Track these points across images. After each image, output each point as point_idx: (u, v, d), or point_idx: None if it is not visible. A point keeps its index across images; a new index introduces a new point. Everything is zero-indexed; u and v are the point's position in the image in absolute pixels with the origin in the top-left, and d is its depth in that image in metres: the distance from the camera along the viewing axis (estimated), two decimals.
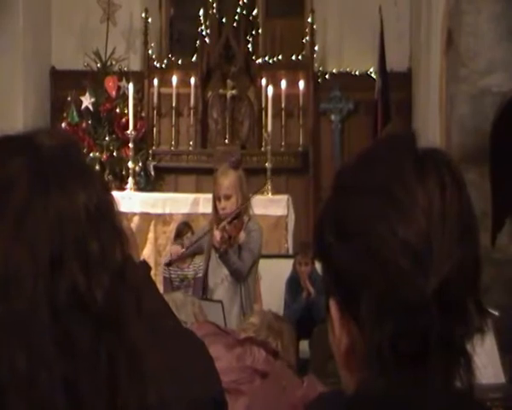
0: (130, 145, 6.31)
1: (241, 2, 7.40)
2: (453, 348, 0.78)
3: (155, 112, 7.30)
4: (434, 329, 0.76)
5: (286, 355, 2.30)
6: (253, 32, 7.47)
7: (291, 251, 5.80)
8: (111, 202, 0.75)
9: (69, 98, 7.03)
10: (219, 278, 4.08)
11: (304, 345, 5.20)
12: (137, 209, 5.93)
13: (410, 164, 0.81)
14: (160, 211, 5.94)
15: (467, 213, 0.81)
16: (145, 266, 1.91)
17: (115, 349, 0.71)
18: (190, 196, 6.02)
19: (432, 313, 0.76)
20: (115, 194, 5.84)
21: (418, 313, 0.76)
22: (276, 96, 6.91)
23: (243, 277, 4.05)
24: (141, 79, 7.25)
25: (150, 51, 7.40)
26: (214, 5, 7.41)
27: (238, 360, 2.13)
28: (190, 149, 7.28)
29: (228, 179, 4.00)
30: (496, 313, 2.58)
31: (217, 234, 3.96)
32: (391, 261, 0.77)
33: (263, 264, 4.42)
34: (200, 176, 7.02)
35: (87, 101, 6.94)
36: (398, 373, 0.77)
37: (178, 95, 7.24)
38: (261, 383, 2.13)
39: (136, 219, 5.88)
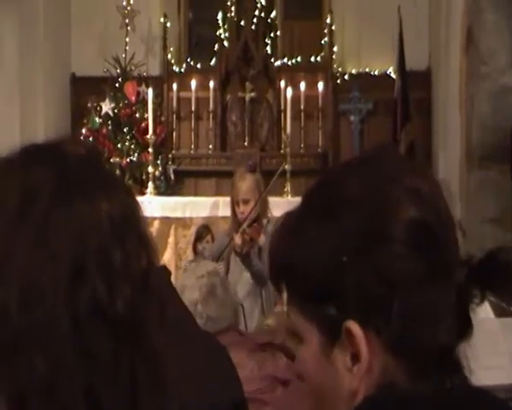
0: (150, 150, 6.34)
1: (259, 5, 7.40)
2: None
3: (175, 116, 7.32)
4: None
5: None
6: (272, 35, 7.47)
7: None
8: (137, 211, 0.74)
9: (89, 105, 7.09)
10: (240, 281, 4.07)
11: None
12: (158, 213, 5.95)
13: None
14: (179, 215, 5.95)
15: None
16: (165, 271, 1.91)
17: (136, 359, 0.70)
18: (210, 200, 6.03)
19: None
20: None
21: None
22: (295, 98, 6.90)
23: (265, 279, 4.04)
24: (160, 83, 7.28)
25: (169, 56, 7.42)
26: (232, 8, 7.43)
27: (260, 368, 2.12)
28: (210, 152, 7.29)
29: (246, 184, 4.00)
30: None
31: (237, 239, 3.95)
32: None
33: None
34: (219, 179, 7.03)
35: (107, 106, 6.98)
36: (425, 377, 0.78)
37: (197, 99, 7.26)
38: (283, 392, 2.12)
39: (156, 224, 5.90)
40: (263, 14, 7.42)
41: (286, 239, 0.82)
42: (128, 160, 6.88)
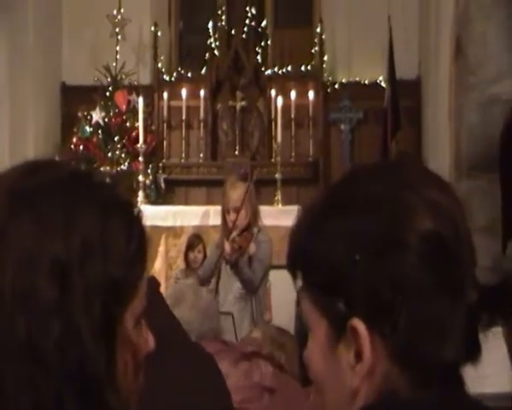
0: (141, 159, 6.33)
1: (249, 14, 7.43)
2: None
3: (165, 125, 7.33)
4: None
5: (289, 367, 2.29)
6: (262, 44, 7.49)
7: None
8: (112, 241, 0.78)
9: (79, 113, 7.08)
10: (230, 290, 4.08)
11: None
12: (148, 222, 5.83)
13: None
14: (170, 224, 5.95)
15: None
16: (153, 281, 1.91)
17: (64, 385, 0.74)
18: (201, 208, 6.03)
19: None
20: None
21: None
22: (286, 107, 6.92)
23: (255, 287, 4.05)
24: (151, 92, 7.29)
25: (160, 65, 7.44)
26: (223, 17, 7.45)
27: (246, 377, 2.12)
28: (200, 161, 7.29)
29: (237, 192, 4.02)
30: None
31: (227, 246, 3.98)
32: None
33: (274, 274, 4.42)
34: (210, 188, 7.03)
35: (97, 115, 6.98)
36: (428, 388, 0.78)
37: (188, 107, 7.27)
38: (269, 400, 2.12)
39: None
40: (253, 24, 7.45)
41: (304, 230, 0.83)
42: (118, 169, 6.88)
